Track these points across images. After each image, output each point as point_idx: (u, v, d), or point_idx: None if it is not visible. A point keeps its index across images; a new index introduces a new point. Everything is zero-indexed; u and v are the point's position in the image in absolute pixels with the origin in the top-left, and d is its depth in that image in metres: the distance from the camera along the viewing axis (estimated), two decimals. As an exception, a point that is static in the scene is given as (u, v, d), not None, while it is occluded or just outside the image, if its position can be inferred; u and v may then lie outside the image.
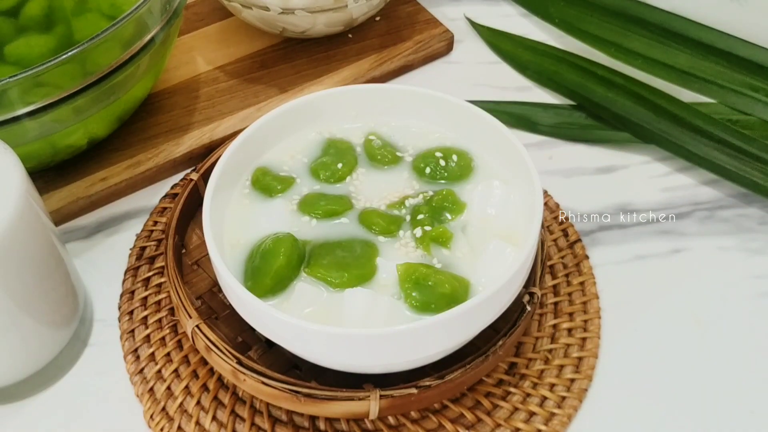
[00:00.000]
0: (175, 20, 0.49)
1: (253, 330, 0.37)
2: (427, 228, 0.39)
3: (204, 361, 0.42)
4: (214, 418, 0.40)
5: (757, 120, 0.53)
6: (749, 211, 0.49)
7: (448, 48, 0.61)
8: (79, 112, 0.45)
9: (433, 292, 0.36)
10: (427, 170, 0.42)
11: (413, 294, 0.36)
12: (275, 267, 0.37)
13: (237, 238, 0.39)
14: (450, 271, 0.38)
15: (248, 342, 0.42)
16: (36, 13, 0.51)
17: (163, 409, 0.40)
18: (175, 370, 0.42)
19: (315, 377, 0.40)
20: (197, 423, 0.40)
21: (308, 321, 0.34)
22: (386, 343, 0.34)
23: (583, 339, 0.43)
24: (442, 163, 0.42)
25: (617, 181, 0.52)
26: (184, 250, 0.46)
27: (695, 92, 0.54)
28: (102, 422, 0.41)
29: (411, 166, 0.43)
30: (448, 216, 0.40)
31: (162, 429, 0.40)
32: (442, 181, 0.42)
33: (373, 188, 0.42)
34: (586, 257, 0.46)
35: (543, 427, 0.39)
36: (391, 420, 0.40)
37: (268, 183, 0.42)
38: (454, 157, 0.42)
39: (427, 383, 0.36)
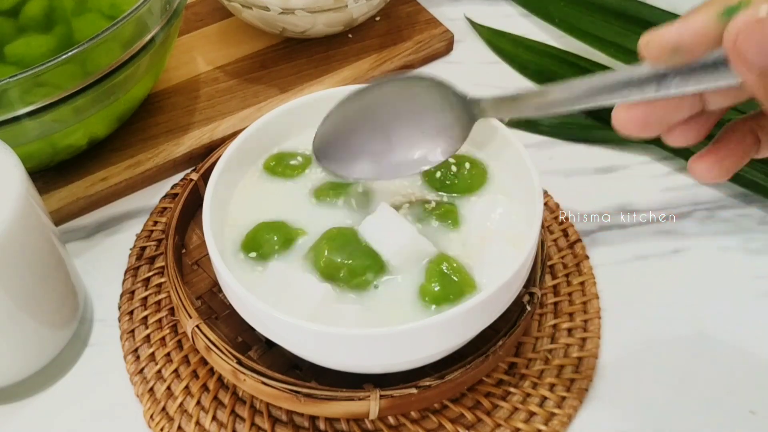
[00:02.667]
0: (175, 20, 0.49)
1: (253, 330, 0.37)
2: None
3: (204, 361, 0.42)
4: (214, 418, 0.40)
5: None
6: (749, 211, 0.49)
7: (448, 48, 0.61)
8: (79, 112, 0.45)
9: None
10: (438, 174, 0.41)
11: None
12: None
13: (238, 236, 0.39)
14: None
15: (248, 342, 0.42)
16: (36, 13, 0.51)
17: (163, 409, 0.40)
18: (175, 370, 0.42)
19: (315, 377, 0.40)
20: (197, 423, 0.40)
21: (308, 321, 0.34)
22: (386, 343, 0.34)
23: (583, 339, 0.43)
24: (454, 169, 0.41)
25: (617, 181, 0.51)
26: (184, 250, 0.46)
27: (695, 92, 0.54)
28: (102, 422, 0.41)
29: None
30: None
31: (162, 429, 0.40)
32: (447, 193, 0.41)
33: (386, 186, 0.41)
34: (586, 257, 0.46)
35: (543, 427, 0.39)
36: (391, 420, 0.40)
37: (281, 168, 0.41)
38: (467, 165, 0.41)
39: (427, 383, 0.36)
